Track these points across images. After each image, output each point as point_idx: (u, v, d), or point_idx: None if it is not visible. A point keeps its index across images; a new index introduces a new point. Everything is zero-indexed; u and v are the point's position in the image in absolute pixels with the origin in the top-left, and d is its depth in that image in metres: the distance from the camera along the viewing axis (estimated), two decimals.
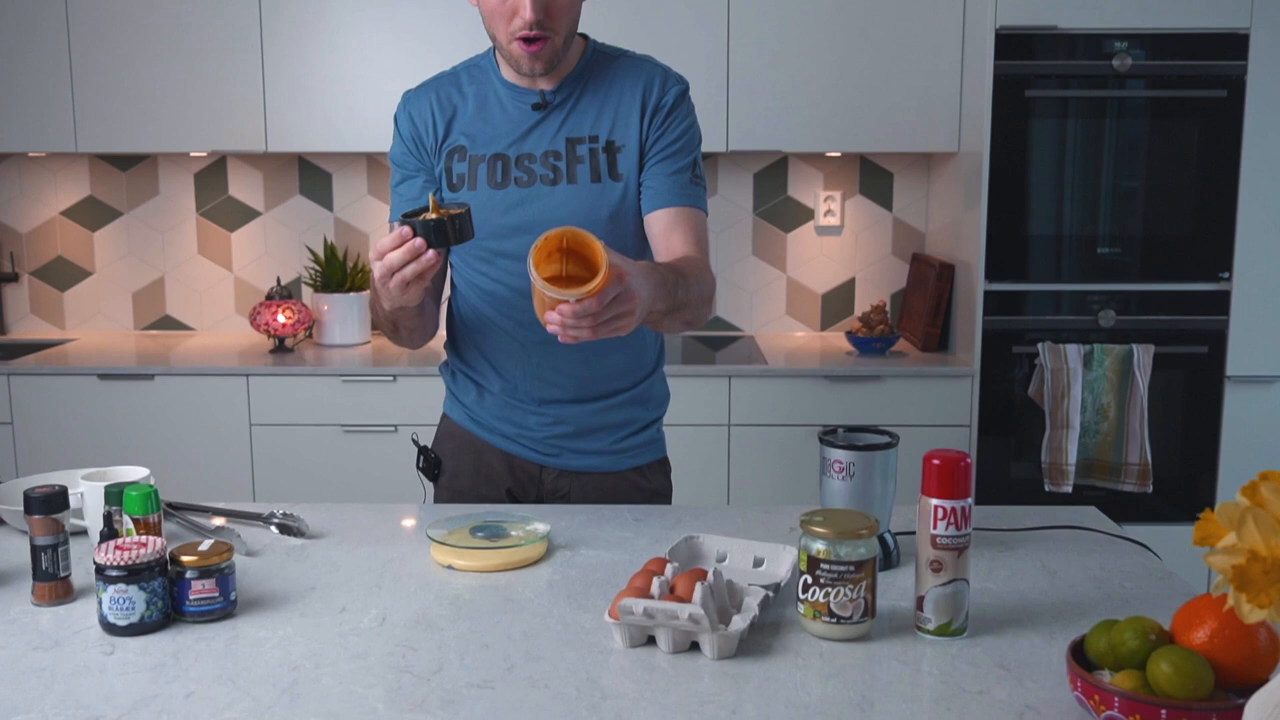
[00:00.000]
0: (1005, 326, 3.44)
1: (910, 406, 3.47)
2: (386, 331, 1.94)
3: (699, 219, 1.92)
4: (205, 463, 3.50)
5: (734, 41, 3.57)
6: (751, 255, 4.05)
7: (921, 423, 3.46)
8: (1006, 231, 3.41)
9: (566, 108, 1.91)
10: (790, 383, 3.48)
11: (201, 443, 3.49)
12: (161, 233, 4.06)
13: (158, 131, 3.64)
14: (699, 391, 3.46)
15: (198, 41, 3.60)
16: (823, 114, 3.60)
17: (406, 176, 1.96)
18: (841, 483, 1.56)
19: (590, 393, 1.99)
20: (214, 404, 3.49)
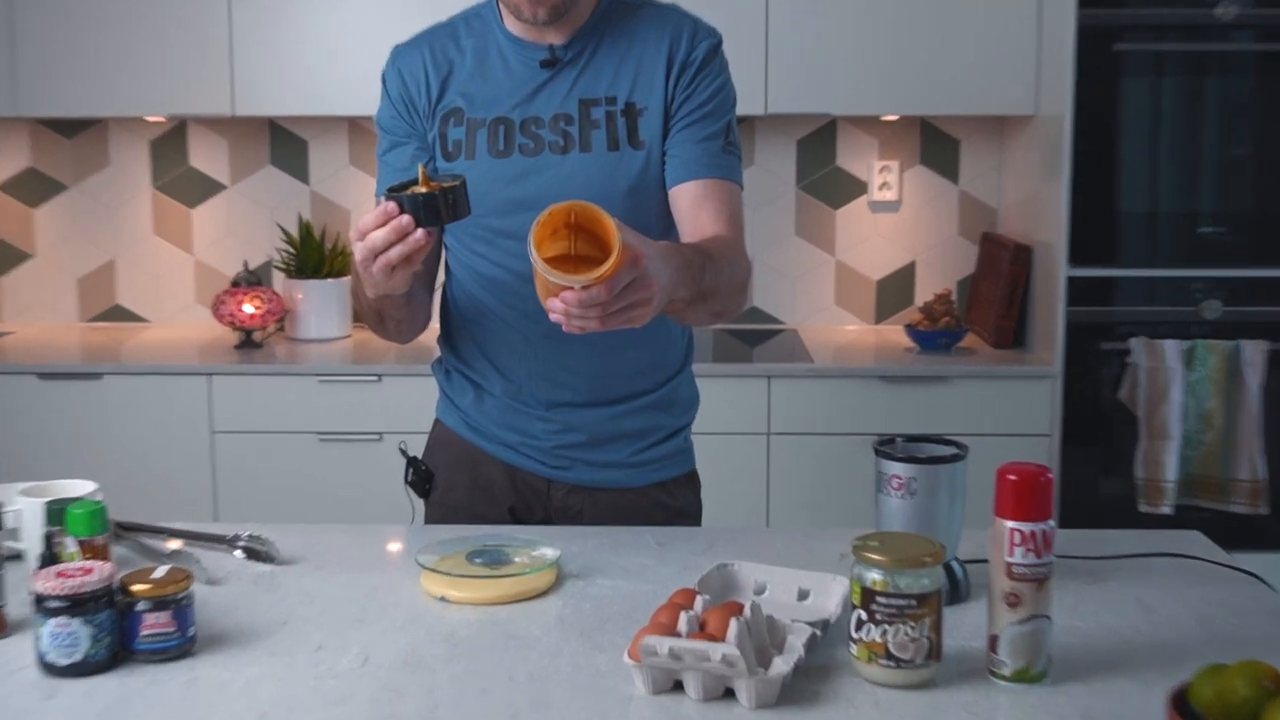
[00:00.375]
0: (1092, 319, 3.42)
1: (981, 412, 3.45)
2: (371, 323, 1.94)
3: (733, 193, 1.92)
4: (161, 476, 3.51)
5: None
6: (794, 235, 4.04)
7: (994, 431, 3.44)
8: (1093, 207, 3.39)
9: (579, 64, 1.90)
10: (840, 384, 3.46)
11: (156, 453, 3.51)
12: (112, 209, 4.08)
13: (108, 93, 3.66)
14: (733, 394, 3.45)
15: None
16: (878, 70, 3.59)
17: (396, 143, 1.96)
18: (901, 501, 1.55)
19: (606, 395, 1.99)
20: (171, 408, 3.50)
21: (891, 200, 4.02)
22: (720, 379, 3.43)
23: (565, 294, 1.46)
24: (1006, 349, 3.68)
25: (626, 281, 1.47)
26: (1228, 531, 3.40)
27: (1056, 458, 3.44)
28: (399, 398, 3.47)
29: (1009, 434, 3.45)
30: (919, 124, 3.99)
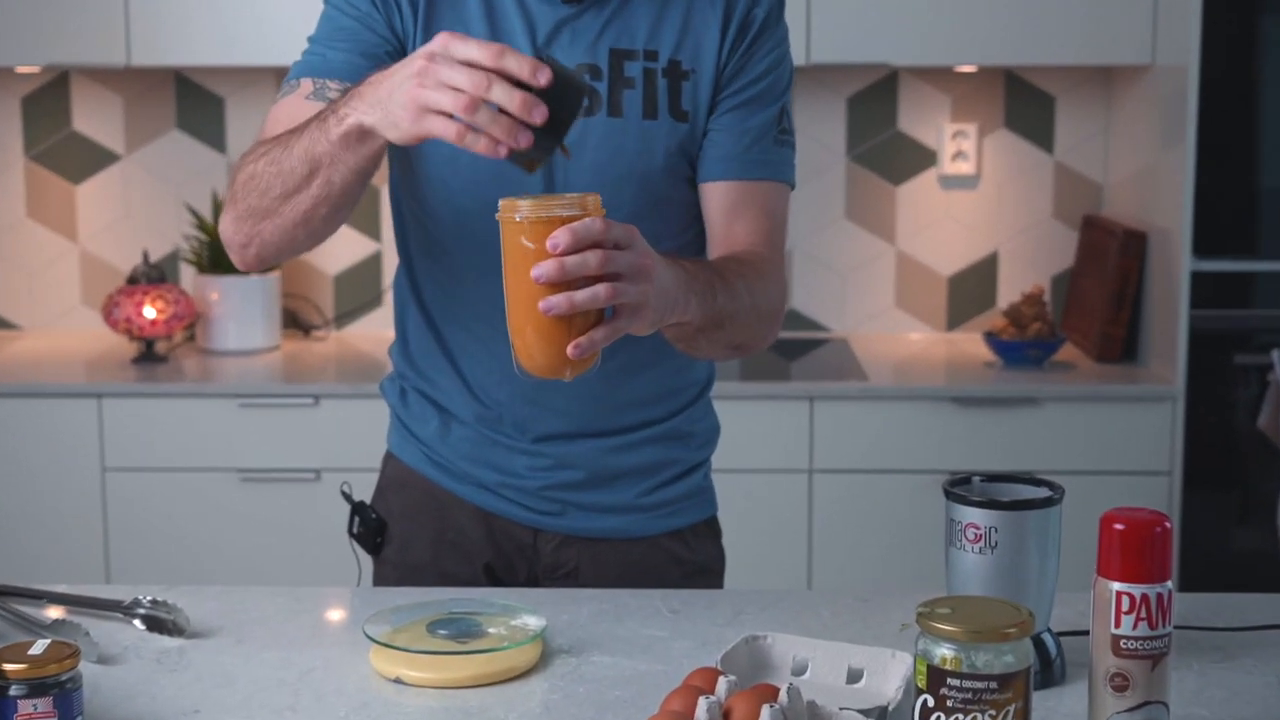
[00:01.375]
0: (1223, 325, 3.43)
1: (1081, 444, 3.46)
2: (281, 190, 1.76)
3: (779, 197, 1.95)
4: (39, 525, 3.53)
5: None
6: (844, 219, 4.06)
7: (1098, 468, 3.45)
8: (1225, 184, 3.40)
9: (612, 4, 1.90)
10: (901, 408, 3.48)
11: (33, 496, 3.52)
12: None
13: None
14: (766, 420, 3.46)
15: None
16: (948, 9, 3.60)
17: (359, 20, 1.89)
18: (978, 557, 1.56)
19: (608, 423, 2.00)
20: (51, 438, 3.51)
21: (968, 174, 4.04)
22: (749, 401, 3.44)
23: (557, 232, 1.50)
24: (1114, 363, 3.69)
25: (623, 237, 1.53)
26: None
27: (1177, 502, 3.45)
28: (341, 424, 3.49)
29: (1117, 471, 3.46)
30: (1002, 77, 4.01)
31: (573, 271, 1.50)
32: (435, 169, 1.90)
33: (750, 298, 1.83)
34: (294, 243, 1.81)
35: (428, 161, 1.91)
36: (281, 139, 1.74)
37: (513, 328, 1.59)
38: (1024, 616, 1.38)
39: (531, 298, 1.53)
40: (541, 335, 1.56)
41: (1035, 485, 1.61)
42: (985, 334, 3.75)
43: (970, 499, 1.57)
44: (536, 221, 1.52)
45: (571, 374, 1.60)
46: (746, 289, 1.83)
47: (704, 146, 1.93)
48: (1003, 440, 3.47)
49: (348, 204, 1.76)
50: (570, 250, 1.50)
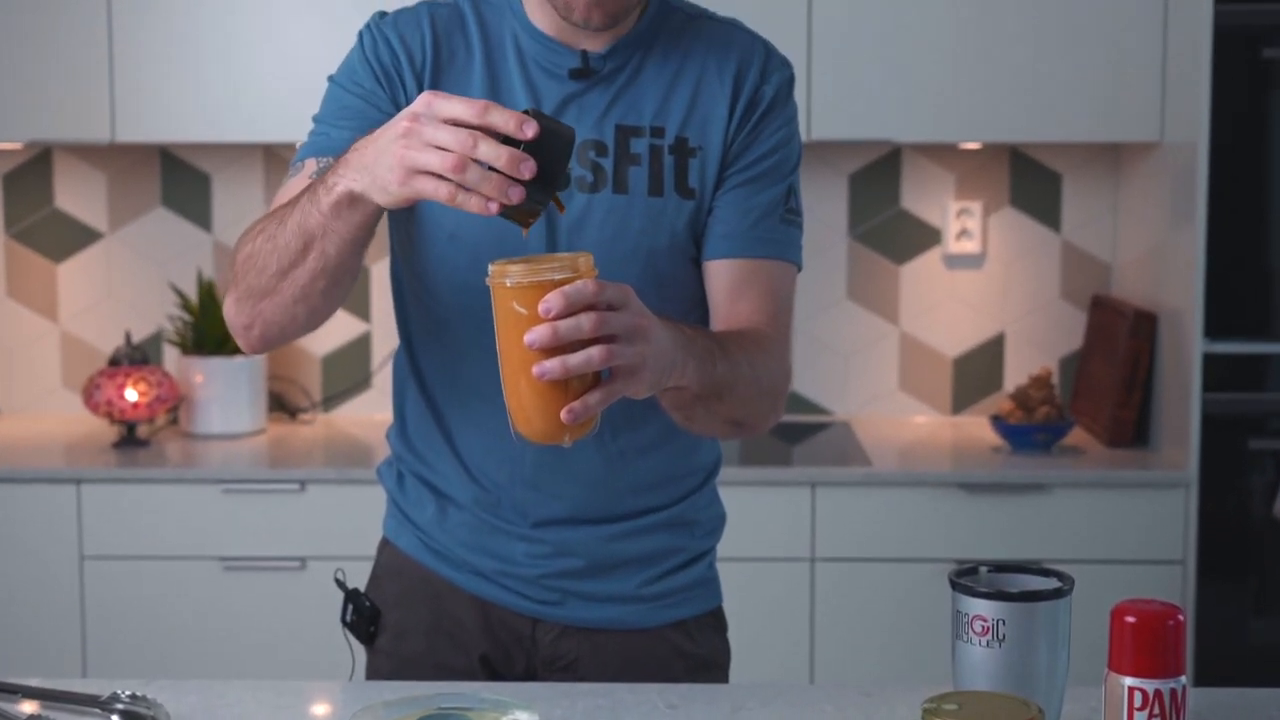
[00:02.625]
0: (1236, 409, 3.44)
1: (1091, 532, 3.46)
2: (277, 267, 1.76)
3: (784, 276, 1.98)
4: (13, 615, 3.52)
5: None
6: (845, 299, 4.07)
7: (1109, 557, 3.45)
8: (1237, 264, 3.42)
9: (619, 81, 1.94)
10: (906, 495, 3.48)
11: (8, 584, 3.51)
12: None
13: None
14: (766, 507, 3.47)
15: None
16: (952, 86, 3.64)
17: (363, 98, 1.92)
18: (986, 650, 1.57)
19: (610, 509, 2.01)
20: (28, 525, 3.51)
21: (973, 253, 4.06)
22: (750, 488, 3.44)
23: (549, 295, 1.51)
24: (1125, 448, 3.70)
25: (617, 297, 1.54)
26: None
27: (1191, 592, 3.45)
28: (329, 511, 3.49)
29: (1128, 560, 3.46)
30: (1008, 154, 4.04)
31: (566, 336, 1.51)
32: (436, 245, 1.92)
33: (752, 371, 1.85)
34: (295, 321, 1.83)
35: (429, 238, 1.93)
36: (276, 214, 1.77)
37: (508, 394, 1.60)
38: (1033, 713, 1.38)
39: (525, 363, 1.54)
40: (537, 400, 1.57)
41: (1044, 576, 1.61)
42: (992, 418, 3.76)
43: (977, 590, 1.58)
44: (528, 286, 1.53)
45: (570, 439, 1.60)
46: (748, 362, 1.84)
47: (709, 224, 1.95)
48: (1010, 528, 3.47)
49: (346, 278, 1.78)
50: (563, 314, 1.51)
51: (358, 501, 3.45)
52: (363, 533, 2.26)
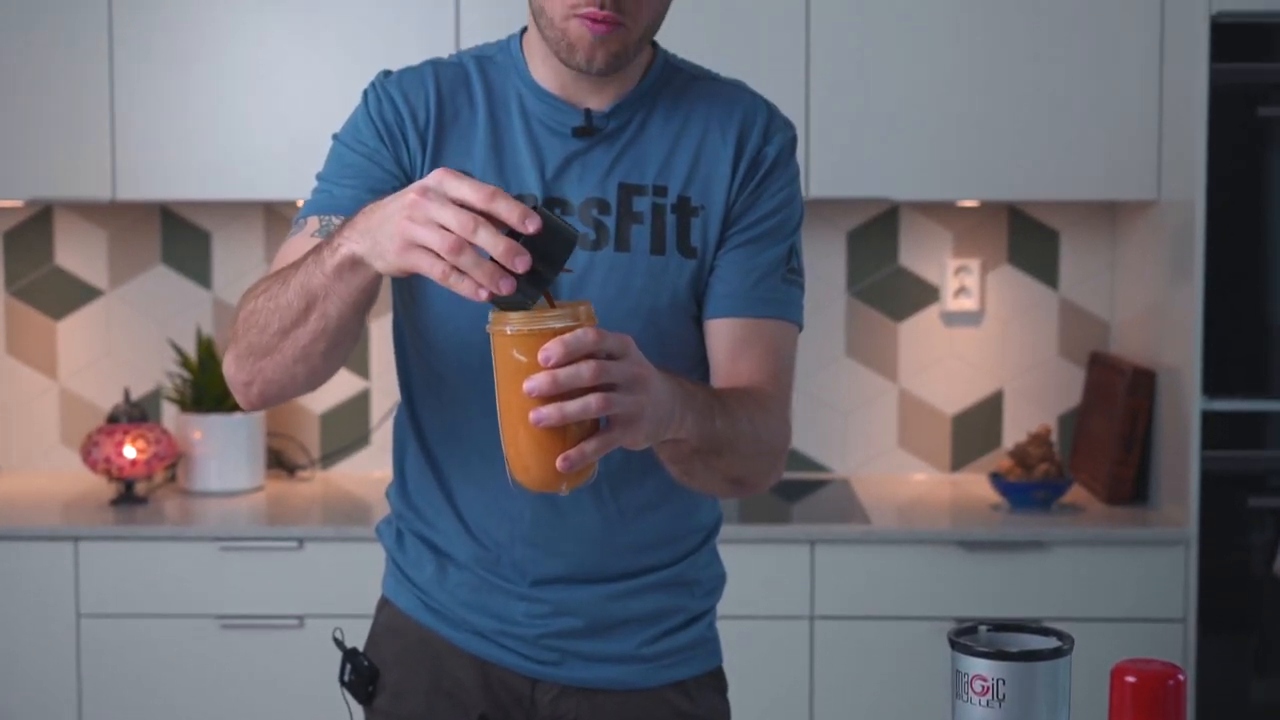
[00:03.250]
0: (1235, 466, 3.44)
1: (1091, 590, 3.46)
2: (279, 326, 1.77)
3: (785, 336, 1.99)
4: (10, 673, 3.51)
5: (816, 36, 3.65)
6: (844, 356, 4.08)
7: (1109, 615, 3.45)
8: (1234, 322, 3.43)
9: (623, 139, 1.96)
10: (905, 552, 3.48)
11: (5, 642, 3.51)
12: None
13: None
14: (766, 565, 3.46)
15: (13, 42, 3.69)
16: (950, 144, 3.66)
17: (366, 156, 1.94)
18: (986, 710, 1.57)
19: (610, 568, 2.01)
20: (25, 583, 3.51)
21: (971, 310, 4.07)
22: (749, 545, 3.44)
23: (548, 344, 1.51)
24: (1124, 505, 3.70)
25: (616, 346, 1.55)
26: None
27: (1192, 651, 3.44)
28: (327, 570, 3.48)
29: (1128, 619, 3.45)
30: (1005, 212, 4.06)
31: (566, 384, 1.52)
32: (439, 304, 1.94)
33: (752, 428, 1.86)
34: (295, 381, 1.83)
35: (431, 296, 1.94)
36: (280, 274, 1.77)
37: (506, 442, 1.60)
38: None
39: (524, 411, 1.55)
40: (534, 448, 1.57)
41: (1044, 635, 1.62)
42: (991, 475, 3.76)
43: (976, 649, 1.58)
44: (528, 334, 1.54)
45: (567, 487, 1.60)
46: (748, 419, 1.85)
47: (710, 283, 1.97)
48: (1010, 586, 3.47)
49: (346, 339, 1.78)
50: (563, 362, 1.52)
51: (356, 560, 3.45)
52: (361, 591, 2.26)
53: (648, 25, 1.89)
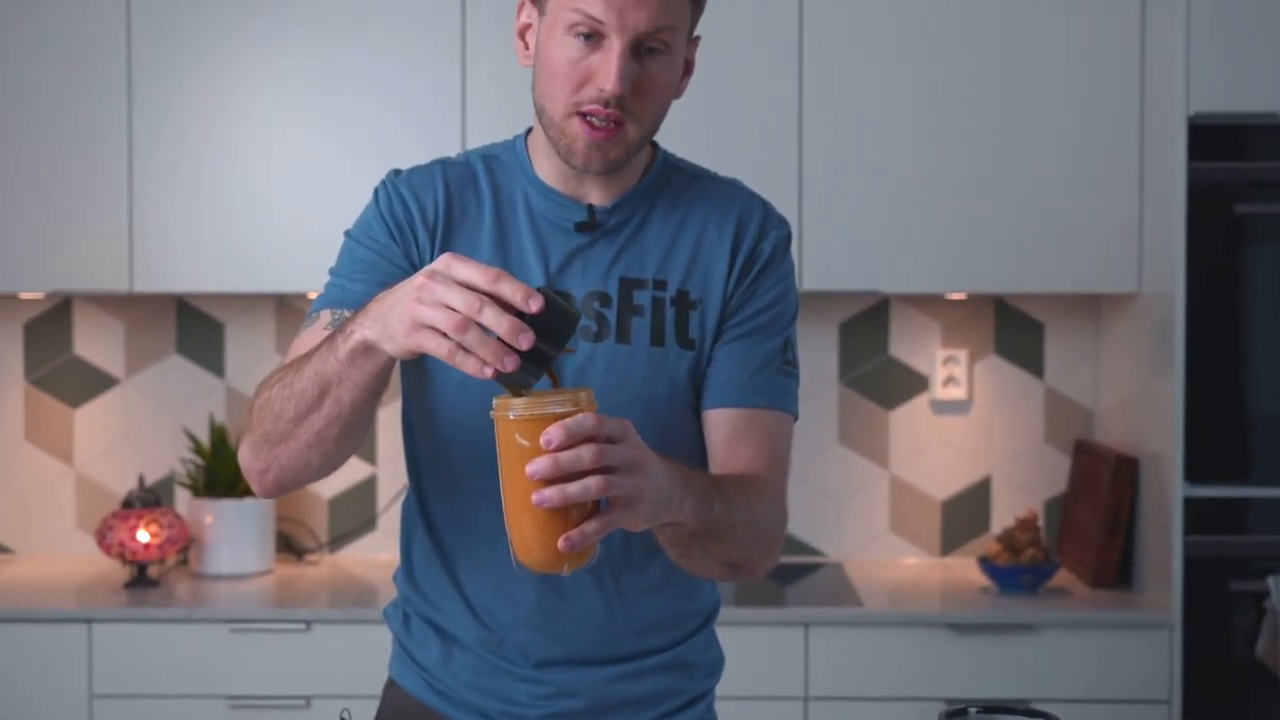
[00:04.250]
0: (1218, 551, 3.44)
1: (1078, 672, 3.45)
2: (294, 414, 1.78)
3: (781, 426, 2.00)
4: None
5: (809, 135, 3.68)
6: (837, 444, 4.08)
7: (1096, 697, 3.43)
8: (1215, 410, 3.43)
9: (624, 235, 1.98)
10: (897, 634, 3.47)
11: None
12: None
13: None
14: (761, 646, 3.45)
15: (35, 140, 3.72)
16: (938, 240, 3.68)
17: (377, 252, 1.95)
18: None
19: (611, 651, 2.01)
20: (40, 664, 3.49)
21: (960, 399, 4.08)
22: (744, 627, 3.43)
23: (550, 429, 1.52)
24: (1109, 589, 3.69)
25: (616, 431, 1.56)
26: None
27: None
28: (333, 651, 3.47)
29: (1115, 700, 3.44)
30: (992, 305, 4.07)
31: (567, 467, 1.53)
32: (448, 394, 1.94)
33: (749, 514, 1.86)
34: (309, 467, 1.83)
35: (440, 385, 1.95)
36: (294, 364, 1.78)
37: (509, 523, 1.60)
38: None
39: (526, 493, 1.55)
40: (537, 530, 1.58)
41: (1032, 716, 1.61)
42: (980, 559, 3.75)
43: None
44: (530, 419, 1.55)
45: (569, 568, 1.61)
46: (745, 505, 1.85)
47: (708, 374, 1.97)
48: (999, 668, 3.45)
49: (359, 425, 1.79)
50: (564, 446, 1.53)
51: (363, 641, 3.44)
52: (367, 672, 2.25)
53: (649, 128, 1.91)
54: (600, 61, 1.83)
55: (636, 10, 1.80)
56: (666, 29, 1.84)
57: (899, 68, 3.68)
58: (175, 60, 3.71)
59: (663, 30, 1.84)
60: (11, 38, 3.72)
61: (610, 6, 1.80)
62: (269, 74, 3.71)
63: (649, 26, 1.82)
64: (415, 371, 1.98)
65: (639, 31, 1.82)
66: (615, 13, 1.80)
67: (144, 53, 3.71)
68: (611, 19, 1.80)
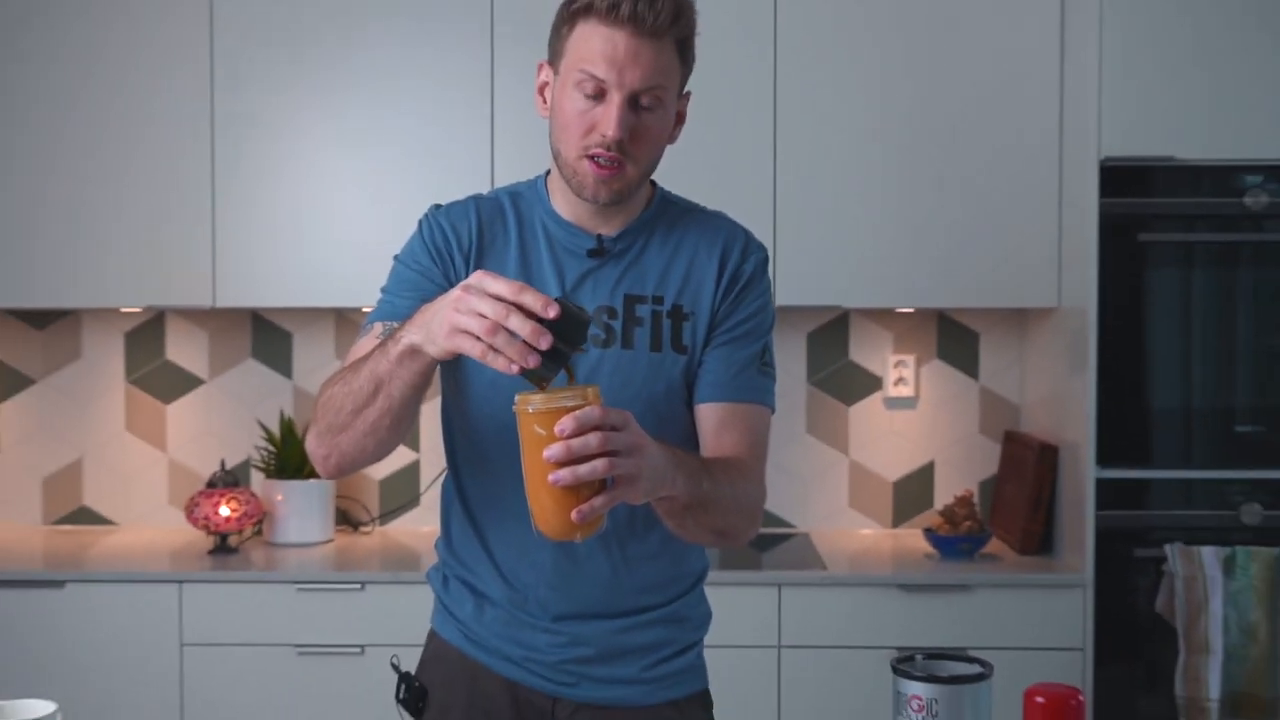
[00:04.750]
0: (1124, 523, 3.43)
1: (1007, 625, 3.44)
2: (350, 406, 1.80)
3: (760, 418, 2.00)
4: (125, 693, 3.48)
5: (782, 174, 3.68)
6: (805, 434, 4.08)
7: (1022, 645, 3.43)
8: (1122, 405, 3.43)
9: (627, 259, 1.98)
10: (855, 593, 3.46)
11: (121, 668, 3.49)
12: (82, 405, 4.13)
13: (83, 283, 3.74)
14: (741, 604, 3.45)
15: (135, 178, 3.73)
16: (891, 262, 3.68)
17: (421, 273, 1.96)
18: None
19: (616, 607, 2.01)
20: (138, 618, 3.49)
21: (908, 396, 4.08)
22: (727, 588, 3.42)
23: (563, 420, 1.54)
24: (1033, 555, 3.69)
25: (619, 420, 1.57)
26: None
27: (1089, 674, 3.41)
28: (383, 608, 3.47)
29: (1037, 648, 3.43)
30: (935, 317, 4.07)
31: (577, 451, 1.54)
32: (480, 391, 1.95)
33: (732, 490, 1.86)
34: (365, 452, 1.85)
35: (473, 384, 1.96)
36: (353, 366, 1.80)
37: (530, 499, 1.61)
38: None
39: (544, 473, 1.57)
40: (553, 504, 1.59)
41: (969, 662, 1.61)
42: (924, 530, 3.75)
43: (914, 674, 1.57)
44: (546, 411, 1.56)
45: (581, 536, 1.62)
46: (730, 483, 1.86)
47: (699, 374, 1.98)
48: (941, 621, 3.45)
49: (407, 416, 1.80)
50: (575, 434, 1.54)
51: (408, 599, 3.43)
52: (413, 625, 2.24)
53: (645, 168, 1.92)
54: (603, 113, 1.85)
55: (633, 71, 1.83)
56: (658, 87, 1.86)
57: (859, 118, 3.68)
58: (252, 112, 3.71)
59: (655, 88, 1.86)
60: (113, 90, 3.72)
61: (611, 67, 1.83)
62: (332, 124, 3.72)
63: (643, 84, 1.84)
64: (453, 372, 1.99)
65: (634, 88, 1.84)
66: (615, 72, 1.83)
67: (225, 105, 3.71)
68: (612, 78, 1.83)
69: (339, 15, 3.71)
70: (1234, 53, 3.40)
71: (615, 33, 1.82)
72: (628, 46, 1.82)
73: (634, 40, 1.82)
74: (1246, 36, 3.40)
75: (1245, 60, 3.40)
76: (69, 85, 3.73)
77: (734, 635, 3.41)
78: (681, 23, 1.87)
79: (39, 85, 3.73)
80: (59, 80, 3.73)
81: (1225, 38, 3.40)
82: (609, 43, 1.83)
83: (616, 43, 1.82)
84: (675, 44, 1.88)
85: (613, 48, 1.82)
